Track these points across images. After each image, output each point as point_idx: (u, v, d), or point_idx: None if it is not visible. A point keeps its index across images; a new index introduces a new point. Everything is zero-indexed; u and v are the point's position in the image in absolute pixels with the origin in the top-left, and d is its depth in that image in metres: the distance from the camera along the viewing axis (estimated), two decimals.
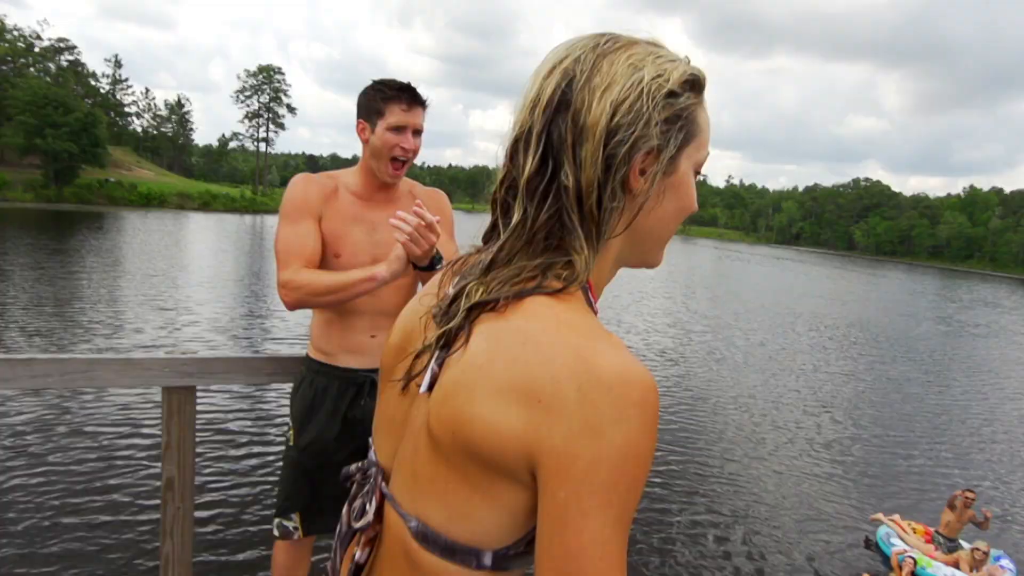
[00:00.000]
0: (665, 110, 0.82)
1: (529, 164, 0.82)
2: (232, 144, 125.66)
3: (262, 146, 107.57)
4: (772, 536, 7.59)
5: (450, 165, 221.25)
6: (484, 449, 0.75)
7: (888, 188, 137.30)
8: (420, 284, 2.46)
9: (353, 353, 2.46)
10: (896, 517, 7.84)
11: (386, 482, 0.94)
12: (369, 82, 2.41)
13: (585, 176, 0.80)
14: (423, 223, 1.98)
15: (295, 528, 2.56)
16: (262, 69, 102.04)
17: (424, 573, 0.83)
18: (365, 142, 2.38)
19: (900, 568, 6.97)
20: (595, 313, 0.86)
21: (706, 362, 15.87)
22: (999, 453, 11.72)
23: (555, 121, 0.80)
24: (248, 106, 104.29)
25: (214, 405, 8.96)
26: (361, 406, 2.46)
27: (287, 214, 2.32)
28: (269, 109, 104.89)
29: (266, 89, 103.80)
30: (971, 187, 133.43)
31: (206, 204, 77.09)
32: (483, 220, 0.95)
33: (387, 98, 2.33)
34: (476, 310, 0.82)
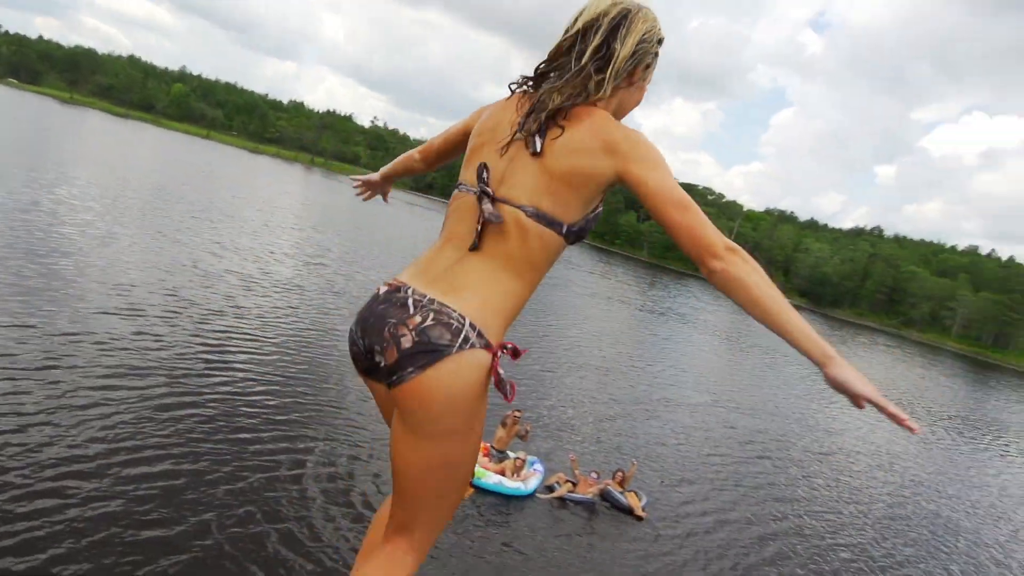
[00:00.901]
0: (654, 48, 1.77)
1: (598, 38, 1.68)
2: None
3: None
4: (364, 461, 8.45)
5: (41, 37, 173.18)
6: (593, 175, 1.67)
7: None
8: None
9: None
10: None
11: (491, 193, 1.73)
12: None
13: (623, 53, 1.70)
14: None
15: None
16: None
17: (530, 234, 1.70)
18: None
19: None
20: None
21: (324, 294, 16.33)
22: (549, 380, 14.96)
23: (617, 24, 1.68)
24: None
25: None
26: None
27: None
28: None
29: None
30: None
31: None
32: (85, 113, 1.00)
33: None
34: (558, 109, 1.68)
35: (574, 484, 9.24)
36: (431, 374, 1.64)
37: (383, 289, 1.88)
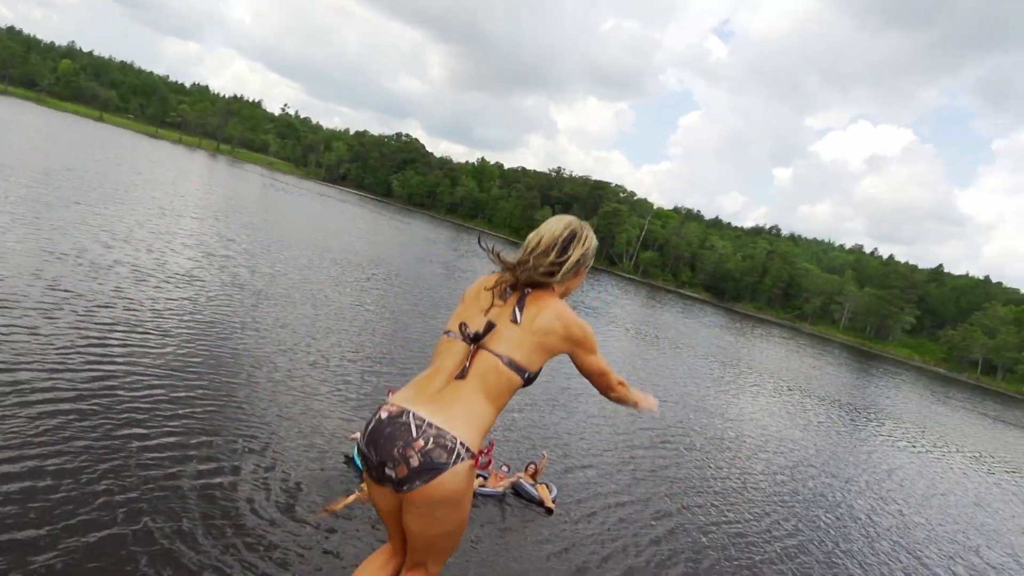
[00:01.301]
0: (591, 254, 2.73)
1: (556, 249, 2.62)
2: None
3: None
4: (258, 452, 8.14)
5: None
6: (553, 349, 2.57)
7: (423, 147, 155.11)
8: None
9: None
10: None
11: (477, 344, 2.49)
12: None
13: (573, 259, 2.63)
14: None
15: None
16: None
17: (502, 375, 2.42)
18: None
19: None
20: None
21: (225, 287, 15.57)
22: None
23: (570, 243, 2.64)
24: None
25: None
26: None
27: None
28: None
29: None
30: (482, 159, 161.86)
31: None
32: None
33: None
34: (531, 289, 2.65)
35: (484, 478, 9.31)
36: (434, 484, 2.28)
37: (385, 413, 2.39)
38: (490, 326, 2.48)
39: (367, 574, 2.81)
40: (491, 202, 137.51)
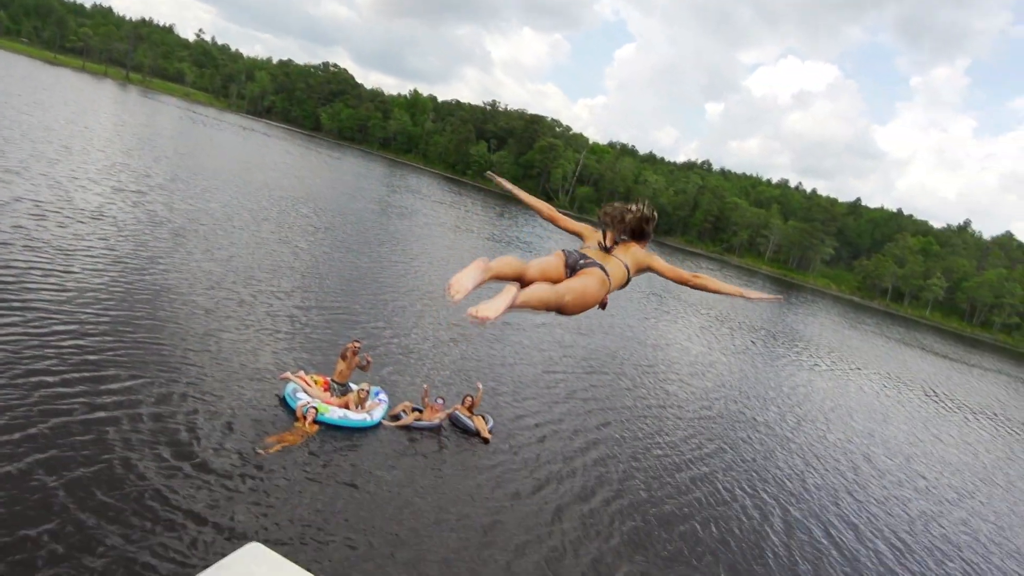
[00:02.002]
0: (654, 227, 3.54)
1: (636, 223, 3.33)
2: None
3: None
4: (186, 394, 7.91)
5: None
6: (640, 266, 3.36)
7: (353, 78, 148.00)
8: None
9: None
10: (301, 373, 8.89)
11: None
12: None
13: (649, 232, 3.43)
14: None
15: None
16: None
17: (624, 277, 3.26)
18: None
19: (304, 418, 7.99)
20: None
21: (141, 225, 14.72)
22: (390, 309, 14.78)
23: (646, 218, 3.36)
24: None
25: None
26: None
27: None
28: None
29: None
30: (415, 91, 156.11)
31: None
32: None
33: None
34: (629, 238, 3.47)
35: (420, 411, 9.38)
36: None
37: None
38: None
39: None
40: (425, 136, 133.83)
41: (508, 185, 3.89)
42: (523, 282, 2.81)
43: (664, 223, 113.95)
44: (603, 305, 3.05)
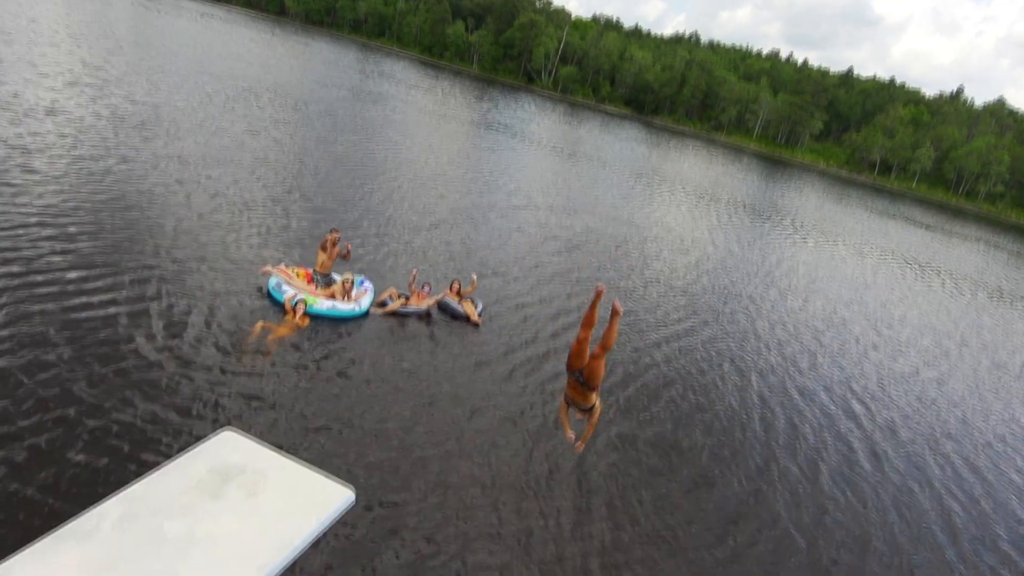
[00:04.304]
0: None
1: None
2: None
3: None
4: (167, 289, 7.81)
5: None
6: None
7: None
8: None
9: None
10: (282, 266, 8.78)
11: None
12: None
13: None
14: None
15: None
16: None
17: None
18: None
19: (294, 311, 7.96)
20: None
21: (101, 120, 13.99)
22: (369, 196, 14.46)
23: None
24: None
25: None
26: None
27: None
28: None
29: None
30: None
31: None
32: None
33: None
34: None
35: (407, 298, 9.40)
36: None
37: None
38: None
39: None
40: (398, 17, 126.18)
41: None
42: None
43: (651, 102, 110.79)
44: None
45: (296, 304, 8.02)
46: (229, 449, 3.15)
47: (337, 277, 9.11)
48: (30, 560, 2.35)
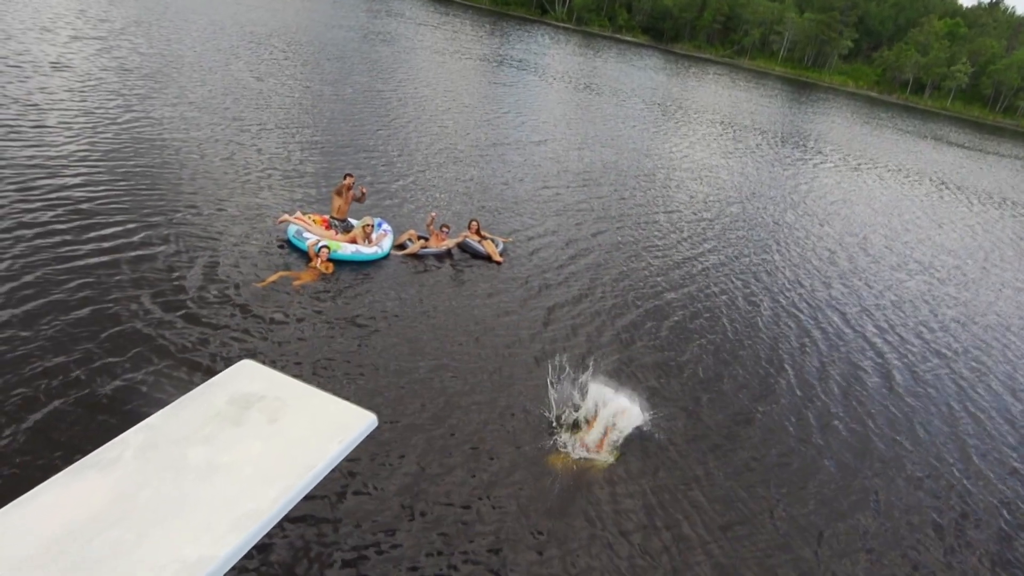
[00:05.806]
0: None
1: None
2: None
3: None
4: (191, 235, 7.85)
5: None
6: None
7: None
8: None
9: None
10: (299, 214, 8.71)
11: None
12: None
13: None
14: None
15: None
16: None
17: None
18: None
19: (318, 256, 7.92)
20: None
21: (108, 72, 13.83)
22: (381, 137, 14.25)
23: None
24: None
25: None
26: None
27: None
28: None
29: None
30: None
31: None
32: None
33: None
34: None
35: (426, 239, 9.35)
36: None
37: None
38: None
39: None
40: None
41: None
42: None
43: (671, 28, 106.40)
44: None
45: (320, 250, 8.01)
46: (248, 378, 3.17)
47: (354, 222, 9.04)
48: (53, 488, 2.40)
